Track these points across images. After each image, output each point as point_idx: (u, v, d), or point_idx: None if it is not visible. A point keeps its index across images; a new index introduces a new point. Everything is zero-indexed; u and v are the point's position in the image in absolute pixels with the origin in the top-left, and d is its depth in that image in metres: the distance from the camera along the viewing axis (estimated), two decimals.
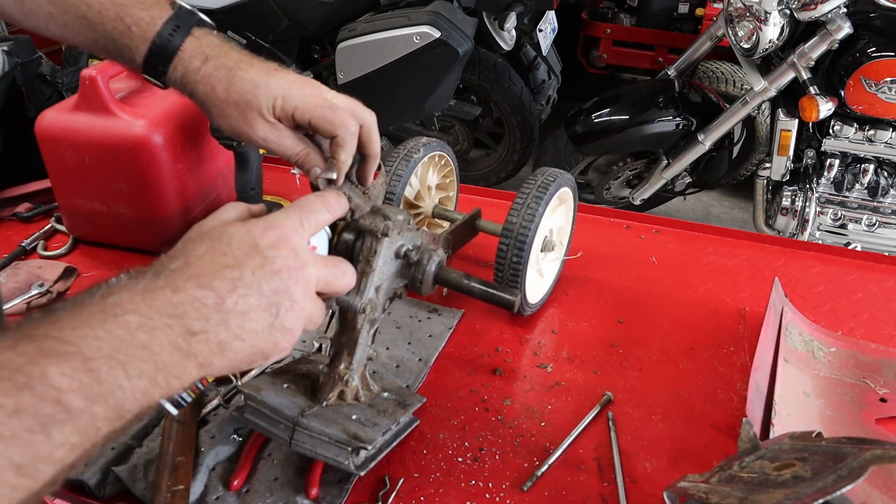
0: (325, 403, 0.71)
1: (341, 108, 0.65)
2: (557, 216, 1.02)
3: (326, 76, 2.85)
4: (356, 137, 0.66)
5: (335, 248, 0.72)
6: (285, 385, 0.73)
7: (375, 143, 0.69)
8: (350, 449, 0.67)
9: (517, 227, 0.89)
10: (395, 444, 0.72)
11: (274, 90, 0.63)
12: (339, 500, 0.70)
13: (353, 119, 0.65)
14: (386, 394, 0.75)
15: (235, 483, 0.71)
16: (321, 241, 0.57)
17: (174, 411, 0.48)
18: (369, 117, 0.68)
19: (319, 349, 0.90)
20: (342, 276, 0.55)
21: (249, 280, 0.46)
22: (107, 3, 0.64)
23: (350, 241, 0.72)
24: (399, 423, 0.72)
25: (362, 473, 0.67)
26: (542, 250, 0.97)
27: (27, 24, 0.66)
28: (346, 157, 0.66)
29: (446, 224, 1.12)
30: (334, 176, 0.68)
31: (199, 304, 0.44)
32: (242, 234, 0.49)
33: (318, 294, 0.53)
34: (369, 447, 0.67)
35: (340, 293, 0.55)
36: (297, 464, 0.74)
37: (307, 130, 0.67)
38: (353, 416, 0.70)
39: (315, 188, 0.68)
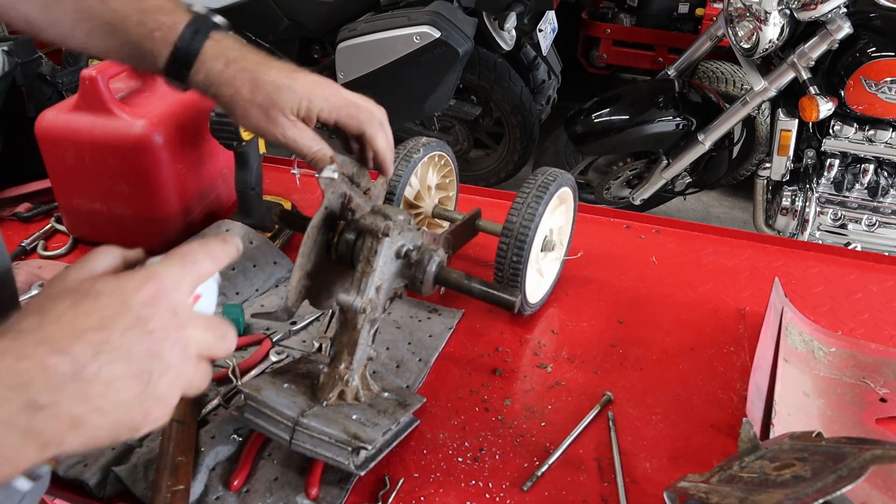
0: (325, 403, 0.71)
1: (363, 106, 0.70)
2: (558, 216, 1.02)
3: (326, 76, 2.85)
4: (386, 125, 0.71)
5: (335, 249, 0.73)
6: (285, 385, 0.73)
7: (390, 136, 0.73)
8: (350, 449, 0.67)
9: (517, 226, 0.89)
10: (395, 444, 0.72)
11: (298, 92, 0.67)
12: (340, 500, 0.70)
13: (374, 114, 0.71)
14: (386, 394, 0.75)
15: (235, 483, 0.71)
16: (209, 289, 0.51)
17: (26, 487, 0.40)
18: (383, 116, 0.72)
19: (319, 349, 0.90)
20: (223, 339, 0.48)
21: (117, 343, 0.40)
22: (130, 9, 0.65)
23: (351, 241, 0.72)
24: (399, 423, 0.72)
25: (362, 473, 0.67)
26: (542, 250, 0.97)
27: (52, 34, 0.67)
28: (385, 144, 0.72)
29: (446, 224, 1.12)
30: (335, 176, 0.69)
31: (51, 373, 0.37)
32: (112, 288, 0.42)
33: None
34: (369, 447, 0.67)
35: (220, 357, 0.48)
36: (297, 464, 0.74)
37: (330, 131, 0.72)
38: (354, 416, 0.70)
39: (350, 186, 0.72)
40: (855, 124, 2.18)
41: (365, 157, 0.74)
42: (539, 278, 1.01)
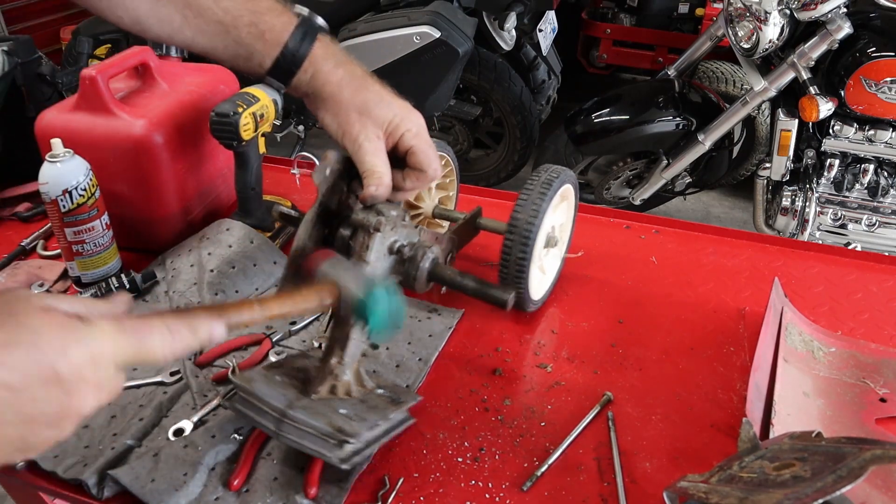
0: (314, 397, 0.71)
1: (437, 156, 0.75)
2: (559, 213, 1.01)
3: None
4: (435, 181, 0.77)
5: (333, 245, 0.73)
6: (277, 378, 0.73)
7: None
8: (334, 442, 0.66)
9: (523, 222, 0.89)
10: (385, 440, 0.72)
11: (395, 109, 0.73)
12: (339, 499, 0.70)
13: (438, 172, 0.76)
14: (380, 391, 0.75)
15: (235, 483, 0.71)
16: None
17: None
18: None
19: (320, 348, 0.90)
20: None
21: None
22: (242, 10, 0.68)
23: (346, 237, 0.72)
24: (390, 420, 0.72)
25: (347, 467, 0.67)
26: (545, 246, 0.97)
27: (158, 31, 0.70)
28: (422, 189, 0.80)
29: (447, 224, 1.12)
30: (329, 171, 0.70)
31: None
32: (40, 331, 0.44)
33: None
34: (353, 441, 0.67)
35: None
36: (296, 463, 0.74)
37: (398, 153, 0.74)
38: (341, 411, 0.70)
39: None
40: (855, 124, 2.18)
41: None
42: (541, 275, 1.01)
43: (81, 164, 0.94)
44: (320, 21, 0.73)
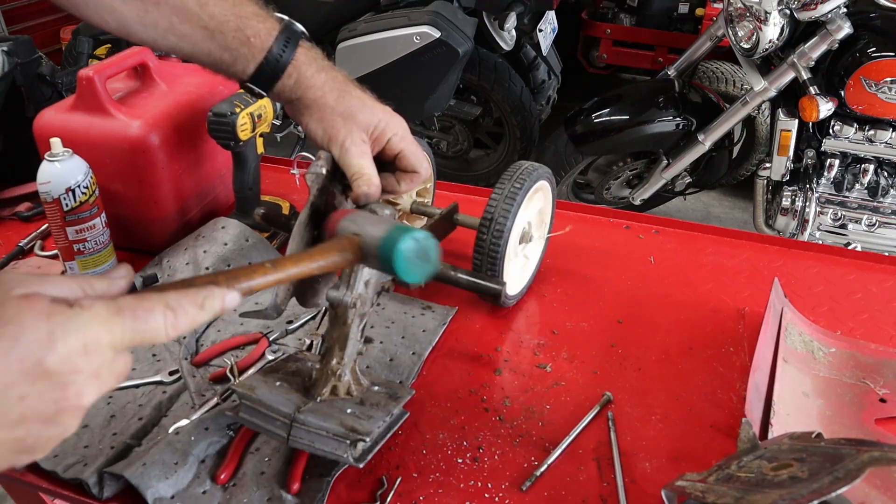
0: (319, 399, 0.71)
1: (425, 155, 0.76)
2: (535, 202, 1.01)
3: None
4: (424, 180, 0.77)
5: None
6: (277, 383, 0.74)
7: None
8: (348, 442, 0.67)
9: (488, 244, 0.89)
10: (388, 436, 0.72)
11: (379, 115, 0.72)
12: (321, 493, 0.70)
13: (428, 170, 0.77)
14: (376, 387, 0.76)
15: (223, 477, 0.71)
16: None
17: None
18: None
19: (310, 346, 0.90)
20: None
21: None
22: (228, 15, 0.68)
23: None
24: (392, 416, 0.72)
25: (361, 465, 0.67)
26: (520, 242, 0.98)
27: (144, 36, 0.69)
28: (411, 190, 0.77)
29: (424, 219, 1.12)
30: (323, 171, 0.71)
31: None
32: (21, 320, 0.40)
33: None
34: (367, 439, 0.67)
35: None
36: (283, 458, 0.74)
37: (386, 157, 0.74)
38: (348, 410, 0.70)
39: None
40: (855, 124, 2.18)
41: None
42: (524, 261, 1.02)
43: (81, 162, 0.94)
44: (300, 27, 0.72)
